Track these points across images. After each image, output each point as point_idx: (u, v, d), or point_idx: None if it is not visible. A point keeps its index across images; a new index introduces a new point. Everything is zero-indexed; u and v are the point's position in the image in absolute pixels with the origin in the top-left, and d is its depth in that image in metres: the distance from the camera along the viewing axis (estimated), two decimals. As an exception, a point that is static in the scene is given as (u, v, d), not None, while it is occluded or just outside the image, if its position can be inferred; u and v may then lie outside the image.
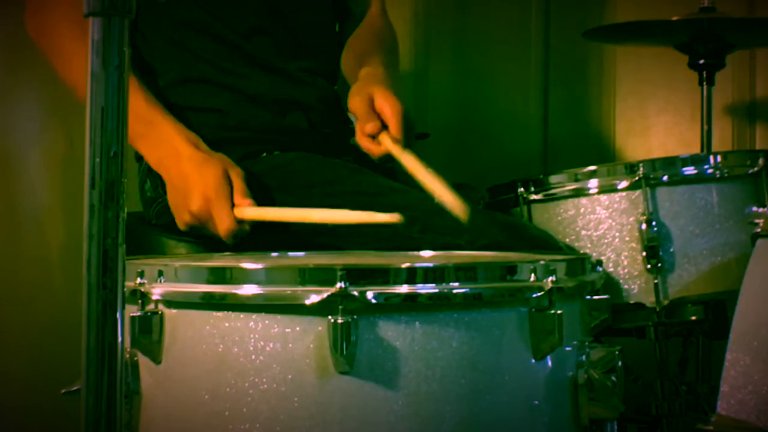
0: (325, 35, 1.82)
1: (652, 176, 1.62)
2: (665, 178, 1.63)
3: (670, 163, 1.65)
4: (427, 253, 1.45)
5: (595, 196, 1.65)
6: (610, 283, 1.62)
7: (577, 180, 1.67)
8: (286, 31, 1.73)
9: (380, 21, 1.91)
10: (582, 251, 1.64)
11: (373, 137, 1.59)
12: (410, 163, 1.48)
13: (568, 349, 1.16)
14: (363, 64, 1.72)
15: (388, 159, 1.58)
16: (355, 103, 1.59)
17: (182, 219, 1.50)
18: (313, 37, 1.78)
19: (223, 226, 1.45)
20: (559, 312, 1.11)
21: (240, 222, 1.45)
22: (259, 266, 1.10)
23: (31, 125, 2.25)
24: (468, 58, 2.95)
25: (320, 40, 1.80)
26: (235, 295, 1.08)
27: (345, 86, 1.77)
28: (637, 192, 1.62)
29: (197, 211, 1.46)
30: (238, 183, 1.47)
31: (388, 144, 1.54)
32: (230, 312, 1.09)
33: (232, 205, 1.46)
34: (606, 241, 1.65)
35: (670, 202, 1.63)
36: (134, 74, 1.59)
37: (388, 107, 1.56)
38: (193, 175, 1.48)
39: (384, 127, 1.58)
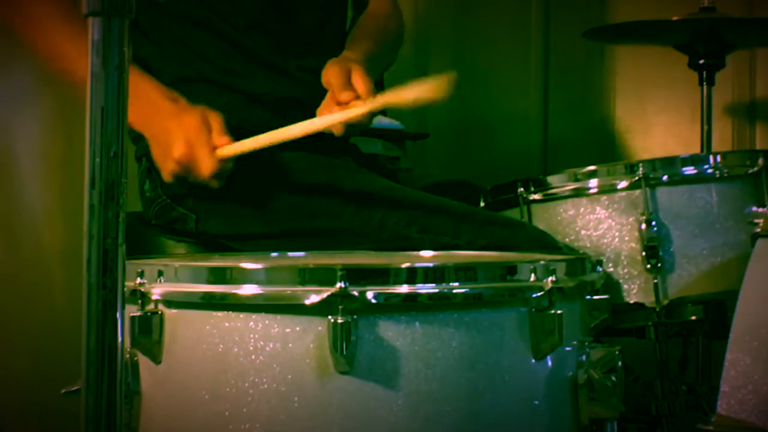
0: (324, 33, 1.82)
1: (652, 176, 1.62)
2: (665, 178, 1.63)
3: (670, 163, 1.65)
4: (427, 253, 1.45)
5: (595, 196, 1.65)
6: (610, 283, 1.62)
7: (577, 180, 1.67)
8: (286, 27, 1.73)
9: (385, 6, 1.90)
10: (582, 251, 1.64)
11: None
12: (380, 100, 1.47)
13: (568, 349, 1.16)
14: (349, 48, 1.72)
15: (351, 130, 1.55)
16: (333, 71, 1.58)
17: (167, 169, 1.51)
18: (313, 35, 1.78)
19: (205, 166, 1.47)
20: (559, 312, 1.11)
21: (222, 161, 1.47)
22: (259, 266, 1.10)
23: (31, 125, 2.25)
24: (468, 58, 2.95)
25: (319, 38, 1.80)
26: (235, 295, 1.08)
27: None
28: (637, 192, 1.62)
29: (179, 156, 1.48)
30: (216, 125, 1.49)
31: (359, 105, 1.52)
32: (230, 312, 1.09)
33: (214, 148, 1.48)
34: (606, 241, 1.65)
35: (670, 202, 1.63)
36: None
37: (363, 84, 1.54)
38: (173, 125, 1.50)
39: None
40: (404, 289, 1.07)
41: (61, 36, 1.57)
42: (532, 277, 1.12)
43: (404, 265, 1.08)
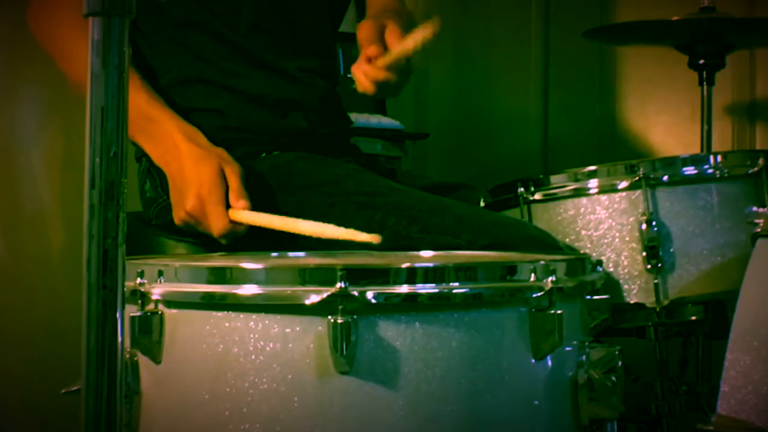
0: (323, 35, 1.82)
1: (652, 176, 1.62)
2: (665, 178, 1.63)
3: (670, 163, 1.65)
4: (427, 253, 1.45)
5: (595, 196, 1.65)
6: (610, 283, 1.62)
7: (577, 180, 1.67)
8: (286, 29, 1.73)
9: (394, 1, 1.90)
10: (582, 251, 1.64)
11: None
12: (395, 50, 1.46)
13: (568, 349, 1.16)
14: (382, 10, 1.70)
15: (379, 89, 1.55)
16: (366, 28, 1.56)
17: (178, 216, 1.51)
18: (312, 36, 1.78)
19: (216, 226, 1.46)
20: (559, 312, 1.11)
21: (233, 223, 1.46)
22: (259, 266, 1.10)
23: (32, 125, 2.25)
24: (468, 58, 2.96)
25: (319, 39, 1.80)
26: (235, 295, 1.08)
27: (347, 86, 1.77)
28: (637, 192, 1.62)
29: (191, 209, 1.47)
30: (233, 182, 1.48)
31: (387, 56, 1.50)
32: (230, 312, 1.09)
33: (228, 205, 1.47)
34: (606, 241, 1.65)
35: (670, 202, 1.63)
36: (135, 71, 1.59)
37: (397, 39, 1.53)
38: (190, 173, 1.48)
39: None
40: (404, 289, 1.07)
41: (77, 41, 1.57)
42: (532, 277, 1.12)
43: (404, 265, 1.08)
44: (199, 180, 1.47)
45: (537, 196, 1.69)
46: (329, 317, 1.04)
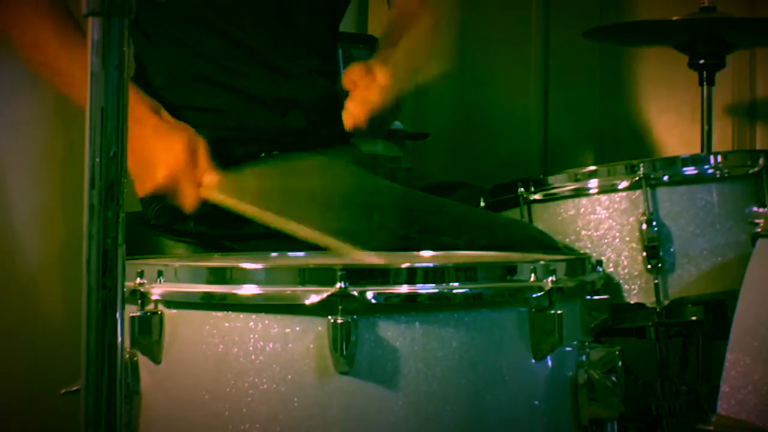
0: (324, 33, 1.82)
1: (652, 176, 1.62)
2: (665, 178, 1.63)
3: (670, 163, 1.65)
4: (427, 253, 1.45)
5: (595, 196, 1.65)
6: (610, 283, 1.62)
7: (577, 180, 1.67)
8: (287, 26, 1.72)
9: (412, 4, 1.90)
10: (582, 251, 1.64)
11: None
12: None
13: (568, 349, 1.16)
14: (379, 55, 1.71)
15: (374, 121, 1.56)
16: (355, 68, 1.58)
17: (144, 188, 1.51)
18: (313, 35, 1.77)
19: (188, 201, 1.48)
20: (559, 312, 1.11)
21: (204, 200, 1.48)
22: (258, 266, 1.10)
23: (31, 125, 2.25)
24: (468, 58, 2.95)
25: (320, 38, 1.80)
26: (235, 295, 1.08)
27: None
28: (638, 192, 1.62)
29: (164, 183, 1.48)
30: (202, 156, 1.49)
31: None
32: (230, 312, 1.09)
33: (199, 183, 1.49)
34: (606, 241, 1.65)
35: (670, 202, 1.63)
36: None
37: (383, 75, 1.54)
38: (160, 147, 1.49)
39: None
40: (404, 289, 1.07)
41: (41, 28, 1.57)
42: (532, 277, 1.12)
43: (404, 265, 1.08)
44: (172, 155, 1.48)
45: (537, 196, 1.70)
46: (329, 317, 1.04)
